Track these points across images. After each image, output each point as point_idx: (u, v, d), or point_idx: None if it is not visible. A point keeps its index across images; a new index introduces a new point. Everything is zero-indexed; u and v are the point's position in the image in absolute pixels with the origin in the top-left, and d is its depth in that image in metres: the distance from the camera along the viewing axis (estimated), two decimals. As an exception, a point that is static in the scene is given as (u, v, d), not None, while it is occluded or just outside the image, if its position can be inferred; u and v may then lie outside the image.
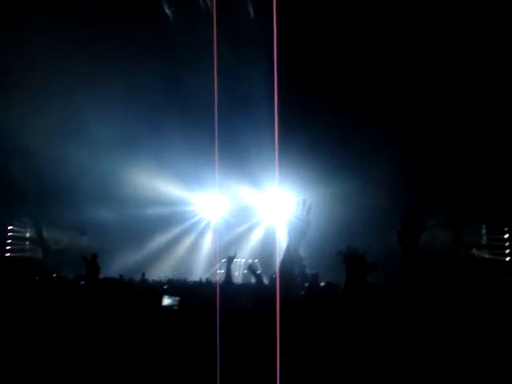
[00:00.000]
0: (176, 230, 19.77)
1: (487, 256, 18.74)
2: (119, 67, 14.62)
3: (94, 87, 14.61)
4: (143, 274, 12.00)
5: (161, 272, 16.45)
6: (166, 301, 5.39)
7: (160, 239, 19.26)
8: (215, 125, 8.24)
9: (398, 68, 14.59)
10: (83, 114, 15.21)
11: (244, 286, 9.95)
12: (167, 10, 15.15)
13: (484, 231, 19.21)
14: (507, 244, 18.30)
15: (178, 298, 5.42)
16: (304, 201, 3.45)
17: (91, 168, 15.75)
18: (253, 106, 15.20)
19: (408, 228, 3.25)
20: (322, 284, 6.63)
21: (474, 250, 18.94)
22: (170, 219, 19.00)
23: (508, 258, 18.08)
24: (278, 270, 3.61)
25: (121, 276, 11.06)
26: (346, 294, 3.06)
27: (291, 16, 13.68)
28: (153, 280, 12.67)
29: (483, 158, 15.53)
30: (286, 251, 3.35)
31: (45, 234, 20.45)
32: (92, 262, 4.36)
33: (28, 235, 21.14)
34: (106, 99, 14.68)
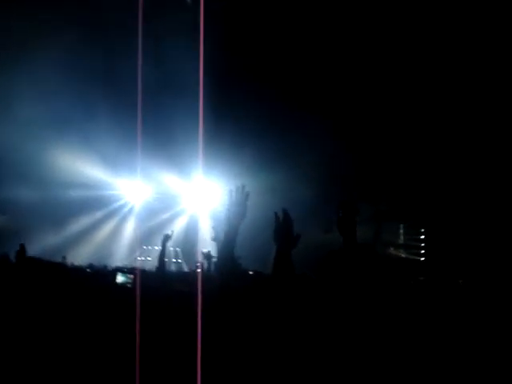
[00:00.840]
0: (98, 214, 19.40)
1: (404, 255, 19.35)
2: (49, 47, 14.22)
3: (22, 65, 14.15)
4: (64, 258, 11.70)
5: (81, 256, 16.11)
6: (120, 278, 5.36)
7: (81, 222, 18.85)
8: (139, 109, 8.17)
9: (330, 56, 14.75)
10: (9, 90, 14.67)
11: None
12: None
13: (401, 231, 19.82)
14: (423, 244, 18.94)
15: (131, 276, 5.42)
16: (243, 187, 3.47)
17: (13, 145, 15.18)
18: (180, 92, 15.08)
19: (345, 211, 3.32)
20: (251, 273, 6.71)
21: (391, 249, 19.52)
22: (92, 203, 18.61)
23: (423, 258, 18.72)
24: (219, 254, 3.64)
25: (64, 257, 10.83)
26: (275, 268, 3.10)
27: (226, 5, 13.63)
28: (72, 264, 12.37)
29: (404, 157, 15.99)
30: (226, 236, 3.35)
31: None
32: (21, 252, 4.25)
33: None
34: (34, 77, 14.26)
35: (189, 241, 19.62)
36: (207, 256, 9.18)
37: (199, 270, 8.46)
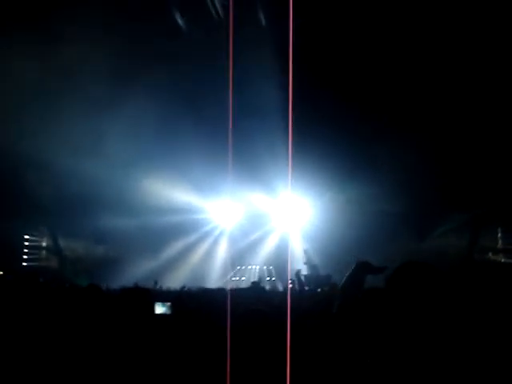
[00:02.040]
0: (190, 238, 19.79)
1: (503, 260, 18.54)
2: (134, 77, 14.76)
3: (109, 98, 14.73)
4: (155, 282, 12.00)
5: (176, 280, 16.48)
6: (159, 309, 5.41)
7: (175, 247, 19.29)
8: (229, 131, 8.26)
9: (407, 72, 14.57)
10: (99, 123, 15.32)
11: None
12: (180, 20, 15.28)
13: (500, 235, 19.02)
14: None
15: (169, 304, 5.45)
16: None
17: (106, 177, 15.83)
18: (266, 112, 15.24)
19: (359, 270, 3.22)
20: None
21: (490, 255, 18.77)
22: (184, 227, 19.02)
23: (525, 262, 17.88)
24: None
25: (135, 284, 11.11)
26: (343, 292, 3.04)
27: (305, 22, 13.70)
28: (168, 288, 12.69)
29: (497, 160, 15.43)
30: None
31: (60, 242, 20.57)
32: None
33: (44, 244, 21.28)
34: (120, 108, 14.80)
35: (281, 259, 19.66)
36: (297, 275, 9.25)
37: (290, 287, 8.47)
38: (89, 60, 14.46)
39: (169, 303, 5.47)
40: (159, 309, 5.37)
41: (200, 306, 5.41)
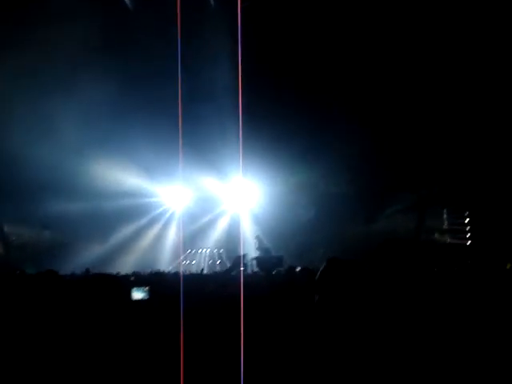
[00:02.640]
0: (140, 222, 19.63)
1: (449, 240, 19.06)
2: (83, 61, 14.54)
3: (58, 82, 14.47)
4: (87, 270, 11.81)
5: (126, 264, 16.36)
6: (137, 294, 5.35)
7: (124, 232, 19.10)
8: (179, 115, 8.22)
9: (355, 56, 14.74)
10: (47, 106, 15.01)
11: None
12: (128, 2, 15.06)
13: (445, 216, 19.52)
14: (468, 228, 18.63)
15: (146, 288, 5.40)
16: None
17: (54, 161, 15.52)
18: (217, 97, 15.21)
19: (330, 266, 3.28)
20: (298, 269, 6.74)
21: (436, 235, 19.25)
22: (133, 211, 18.83)
23: (469, 242, 18.41)
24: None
25: (87, 269, 11.01)
26: (318, 286, 3.10)
27: (255, 5, 13.67)
28: (118, 273, 12.58)
29: (443, 143, 15.80)
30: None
31: (6, 228, 20.08)
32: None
33: (-12, 231, 20.73)
34: (69, 92, 14.57)
35: (231, 242, 19.73)
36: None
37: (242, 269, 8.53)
38: (38, 44, 14.12)
39: (146, 288, 5.42)
40: (137, 294, 5.32)
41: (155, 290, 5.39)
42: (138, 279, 8.58)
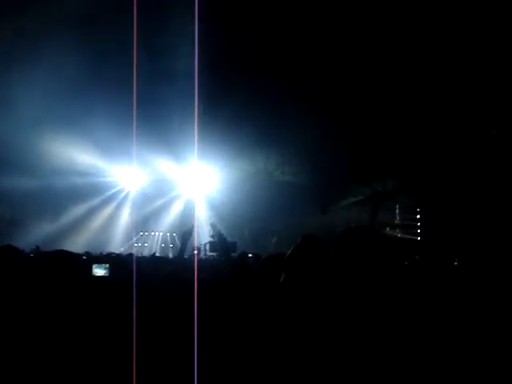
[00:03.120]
0: (94, 202, 19.34)
1: (399, 235, 19.43)
2: (43, 36, 14.25)
3: (15, 55, 14.17)
4: (37, 247, 11.61)
5: (78, 244, 16.13)
6: (98, 271, 5.30)
7: (76, 210, 18.80)
8: (134, 95, 8.13)
9: (317, 44, 14.76)
10: (2, 79, 14.66)
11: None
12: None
13: (397, 211, 19.89)
14: (418, 224, 19.01)
15: (107, 265, 5.35)
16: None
17: (6, 133, 15.13)
18: (176, 79, 15.07)
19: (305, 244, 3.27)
20: (250, 255, 6.77)
21: (388, 229, 19.59)
22: (87, 190, 18.55)
23: (419, 238, 18.80)
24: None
25: (37, 247, 10.80)
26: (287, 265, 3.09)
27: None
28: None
29: (400, 138, 16.02)
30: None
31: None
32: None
33: None
34: (26, 66, 14.26)
35: (184, 226, 19.65)
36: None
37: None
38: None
39: (107, 265, 5.36)
40: (99, 271, 5.25)
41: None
42: (90, 260, 8.48)
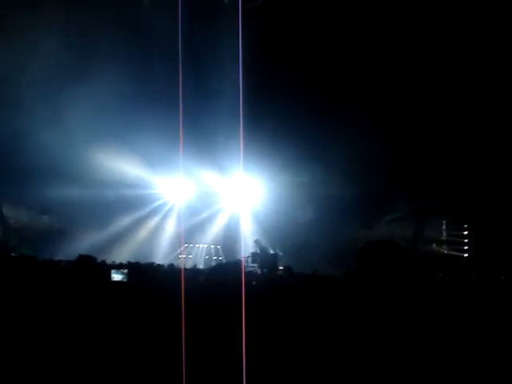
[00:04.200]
0: (139, 213, 19.59)
1: (446, 252, 19.04)
2: (88, 52, 14.58)
3: (61, 68, 14.52)
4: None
5: (122, 255, 16.33)
6: (116, 276, 5.36)
7: (122, 221, 19.06)
8: (180, 109, 8.22)
9: (368, 59, 14.70)
10: (50, 92, 15.05)
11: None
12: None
13: (444, 227, 19.51)
14: (466, 240, 18.59)
15: (126, 271, 5.39)
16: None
17: (54, 146, 15.52)
18: (220, 92, 15.20)
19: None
20: (281, 268, 6.73)
21: (434, 246, 19.22)
22: (133, 202, 18.82)
23: (466, 255, 18.39)
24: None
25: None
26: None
27: (257, 5, 13.70)
28: (113, 262, 12.53)
29: (445, 154, 15.78)
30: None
31: (4, 211, 20.07)
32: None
33: (-13, 212, 20.71)
34: (73, 79, 14.59)
35: (229, 238, 19.72)
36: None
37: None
38: (45, 31, 14.20)
39: (126, 270, 5.41)
40: (116, 276, 5.31)
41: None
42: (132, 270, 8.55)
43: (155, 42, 14.76)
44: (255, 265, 16.26)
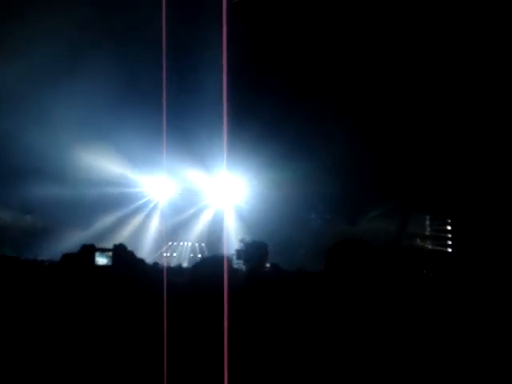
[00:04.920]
0: (122, 212, 19.53)
1: (430, 247, 19.20)
2: (75, 45, 14.49)
3: (44, 65, 14.39)
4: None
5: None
6: (100, 259, 5.29)
7: (105, 220, 18.99)
8: (163, 105, 8.18)
9: (348, 56, 14.74)
10: (32, 89, 14.91)
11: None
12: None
13: (428, 222, 19.67)
14: (450, 235, 18.75)
15: (110, 254, 5.30)
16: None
17: (37, 145, 15.39)
18: (203, 89, 15.16)
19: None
20: (268, 265, 6.71)
21: (418, 241, 19.38)
22: (116, 200, 18.76)
23: (450, 249, 18.54)
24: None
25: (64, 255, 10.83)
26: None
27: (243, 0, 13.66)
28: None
29: (427, 149, 15.88)
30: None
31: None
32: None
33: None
34: (56, 76, 14.49)
35: (213, 236, 19.74)
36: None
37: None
38: (34, 32, 14.09)
39: (110, 253, 5.32)
40: (101, 260, 5.24)
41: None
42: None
43: (137, 39, 14.67)
44: (240, 261, 16.28)
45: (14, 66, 14.26)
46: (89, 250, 5.17)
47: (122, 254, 5.09)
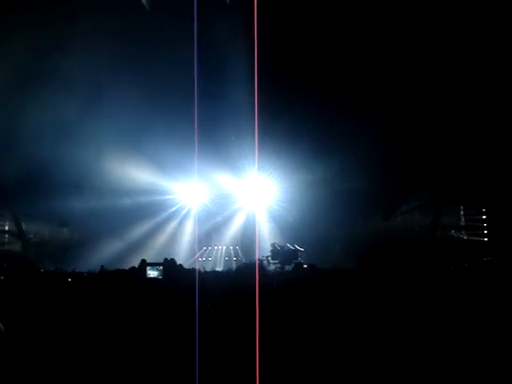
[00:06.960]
0: (156, 219, 19.70)
1: (466, 237, 18.96)
2: (102, 58, 14.63)
3: (74, 80, 14.58)
4: (102, 267, 11.88)
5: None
6: (151, 272, 5.42)
7: (140, 229, 19.17)
8: (195, 114, 8.25)
9: (378, 54, 14.67)
10: (63, 104, 15.11)
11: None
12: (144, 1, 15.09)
13: (462, 213, 19.43)
14: (485, 225, 18.50)
15: (161, 268, 5.45)
16: None
17: (71, 159, 15.62)
18: (233, 94, 15.21)
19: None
20: (305, 266, 6.74)
21: (453, 232, 19.15)
22: (150, 208, 18.94)
23: (486, 239, 18.29)
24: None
25: (102, 267, 11.03)
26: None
27: (270, 2, 13.64)
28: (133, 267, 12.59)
29: (460, 140, 15.70)
30: None
31: (24, 226, 20.25)
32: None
33: (7, 228, 20.92)
34: (86, 90, 14.66)
35: (247, 239, 19.79)
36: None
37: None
38: (60, 45, 14.28)
39: (161, 267, 5.47)
40: (152, 273, 5.38)
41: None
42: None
43: (166, 45, 14.76)
44: (276, 261, 16.36)
45: (54, 84, 14.47)
46: (142, 264, 5.31)
47: (171, 267, 5.23)
